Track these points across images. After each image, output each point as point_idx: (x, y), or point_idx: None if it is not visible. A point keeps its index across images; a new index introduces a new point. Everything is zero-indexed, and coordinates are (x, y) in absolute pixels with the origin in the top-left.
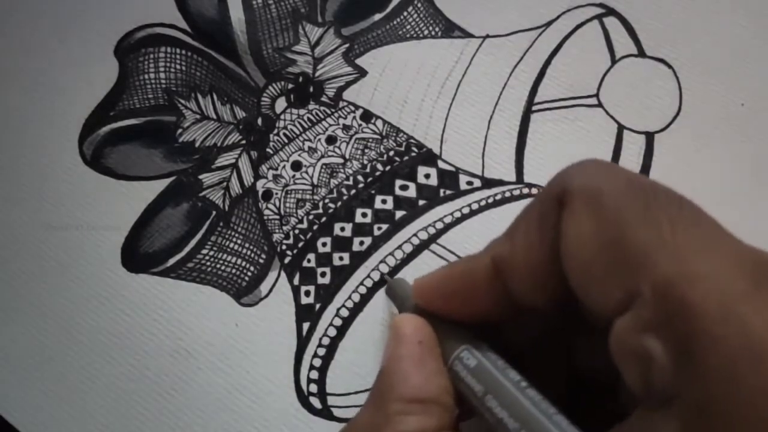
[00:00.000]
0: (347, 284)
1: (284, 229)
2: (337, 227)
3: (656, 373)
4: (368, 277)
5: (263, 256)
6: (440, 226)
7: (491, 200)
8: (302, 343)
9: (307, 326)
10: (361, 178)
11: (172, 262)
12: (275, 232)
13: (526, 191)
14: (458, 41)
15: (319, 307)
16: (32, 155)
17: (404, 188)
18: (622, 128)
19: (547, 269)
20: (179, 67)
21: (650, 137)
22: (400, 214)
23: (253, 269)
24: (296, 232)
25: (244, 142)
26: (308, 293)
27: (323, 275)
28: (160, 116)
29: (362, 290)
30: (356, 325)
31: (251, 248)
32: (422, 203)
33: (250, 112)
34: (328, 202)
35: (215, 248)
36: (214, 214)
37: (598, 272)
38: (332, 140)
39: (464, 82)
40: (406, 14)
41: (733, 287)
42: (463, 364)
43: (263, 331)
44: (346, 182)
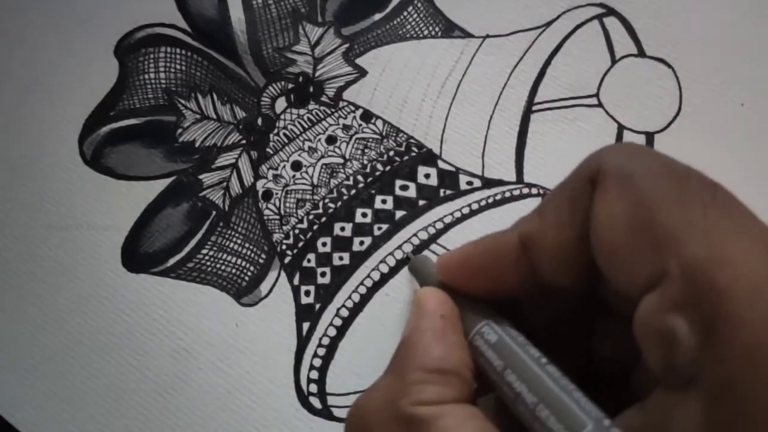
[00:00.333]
0: (347, 284)
1: (284, 229)
2: (337, 227)
3: (679, 352)
4: (368, 277)
5: (263, 256)
6: (440, 226)
7: (491, 200)
8: (302, 343)
9: (307, 326)
10: (361, 178)
11: (172, 262)
12: (275, 232)
13: (526, 191)
14: (458, 41)
15: (319, 307)
16: (32, 155)
17: (404, 188)
18: (622, 128)
19: (575, 248)
20: (179, 67)
21: (650, 137)
22: (400, 214)
23: (253, 269)
24: (296, 232)
25: (244, 142)
26: (308, 293)
27: (323, 275)
28: (160, 116)
29: (362, 290)
30: (356, 325)
31: (251, 248)
32: (422, 203)
33: (250, 112)
34: (328, 202)
35: (215, 248)
36: (214, 214)
37: (627, 252)
38: (332, 140)
39: (464, 82)
40: (406, 14)
41: (762, 272)
42: (483, 338)
43: (263, 331)
44: (346, 182)
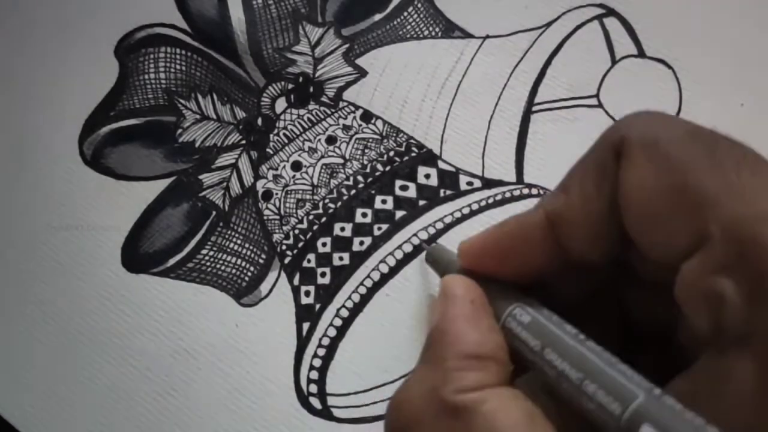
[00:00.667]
0: (347, 284)
1: (284, 229)
2: (337, 227)
3: (728, 313)
4: (368, 277)
5: (263, 256)
6: (440, 226)
7: (491, 200)
8: (302, 343)
9: (307, 326)
10: (361, 178)
11: (172, 262)
12: (275, 232)
13: (526, 191)
14: (458, 41)
15: (319, 307)
16: (32, 155)
17: (404, 188)
18: None
19: (603, 221)
20: (179, 67)
21: None
22: (400, 214)
23: (253, 269)
24: (296, 232)
25: (244, 142)
26: (308, 293)
27: (323, 275)
28: (160, 116)
29: (362, 290)
30: (356, 325)
31: (251, 248)
32: (422, 203)
33: (250, 112)
34: (328, 202)
35: (215, 248)
36: (214, 214)
37: (661, 219)
38: (332, 140)
39: (464, 82)
40: (406, 14)
41: None
42: (517, 320)
43: (263, 331)
44: (346, 182)
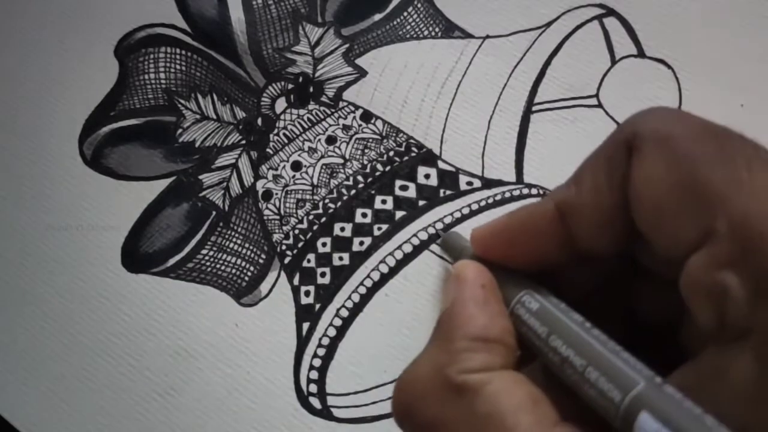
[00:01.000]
0: (347, 284)
1: (284, 229)
2: (337, 227)
3: (731, 307)
4: (368, 277)
5: (263, 256)
6: (440, 226)
7: (491, 200)
8: (302, 343)
9: (306, 326)
10: (361, 178)
11: (172, 262)
12: (275, 232)
13: (526, 191)
14: (458, 41)
15: (318, 307)
16: (32, 155)
17: (404, 188)
18: None
19: (613, 214)
20: (179, 67)
21: None
22: (400, 214)
23: (253, 269)
24: (296, 232)
25: (244, 142)
26: (308, 293)
27: (323, 275)
28: (160, 116)
29: (362, 290)
30: (356, 325)
31: (251, 248)
32: (422, 203)
33: (250, 112)
34: (328, 202)
35: (215, 248)
36: (214, 214)
37: (670, 212)
38: (332, 140)
39: (464, 82)
40: (406, 14)
41: None
42: (525, 307)
43: (263, 331)
44: (346, 182)
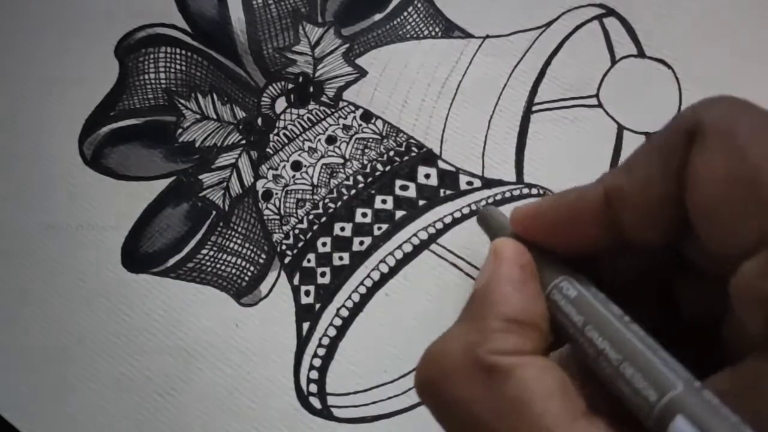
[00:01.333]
0: (347, 284)
1: (284, 229)
2: (337, 227)
3: None
4: (368, 277)
5: (263, 256)
6: (440, 226)
7: (491, 200)
8: (302, 343)
9: (307, 326)
10: (361, 178)
11: (172, 262)
12: (275, 232)
13: (526, 191)
14: (458, 41)
15: (319, 307)
16: (32, 155)
17: (404, 188)
18: (622, 128)
19: (665, 205)
20: (179, 67)
21: (650, 137)
22: (400, 214)
23: (253, 269)
24: (296, 232)
25: (244, 142)
26: (308, 293)
27: (323, 275)
28: (160, 116)
29: (362, 290)
30: (356, 325)
31: (251, 248)
32: (422, 203)
33: (250, 112)
34: (328, 202)
35: (215, 248)
36: (214, 214)
37: (728, 212)
38: (332, 140)
39: (464, 82)
40: (406, 14)
41: None
42: (562, 293)
43: (263, 331)
44: (346, 182)
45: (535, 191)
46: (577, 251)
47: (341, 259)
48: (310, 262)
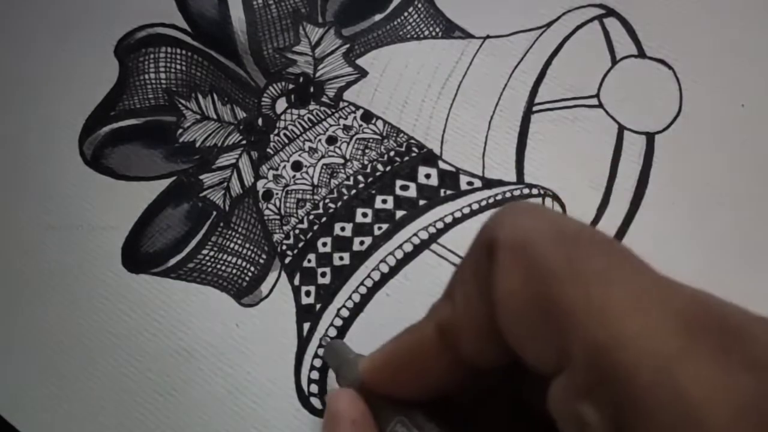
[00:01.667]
0: (348, 284)
1: (284, 229)
2: (337, 227)
3: None
4: (368, 277)
5: (264, 256)
6: (440, 226)
7: (491, 200)
8: (303, 343)
9: (307, 326)
10: (361, 178)
11: (172, 262)
12: (276, 232)
13: (526, 191)
14: (459, 42)
15: (319, 307)
16: (33, 155)
17: (405, 188)
18: (622, 128)
19: (492, 328)
20: (179, 67)
21: (650, 137)
22: (400, 213)
23: (253, 269)
24: (296, 232)
25: (244, 142)
26: (309, 293)
27: (323, 275)
28: (160, 116)
29: (362, 290)
30: (357, 325)
31: (252, 248)
32: (422, 203)
33: (250, 112)
34: (328, 202)
35: (216, 248)
36: (214, 214)
37: (530, 332)
38: (333, 140)
39: (465, 82)
40: (406, 15)
41: (665, 347)
42: None
43: (264, 331)
44: (346, 182)
45: (535, 191)
46: (430, 390)
47: (342, 259)
48: (310, 262)
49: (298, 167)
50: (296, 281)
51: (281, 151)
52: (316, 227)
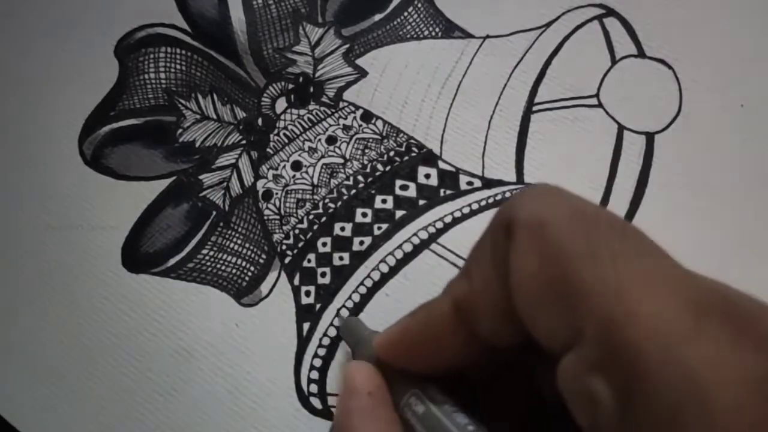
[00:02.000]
0: (347, 284)
1: (284, 229)
2: (337, 227)
3: (602, 415)
4: (368, 277)
5: (263, 256)
6: (440, 225)
7: (491, 200)
8: (303, 343)
9: (307, 326)
10: (361, 178)
11: (172, 262)
12: (275, 232)
13: None
14: (458, 42)
15: (319, 307)
16: (33, 156)
17: (404, 188)
18: (622, 128)
19: (509, 305)
20: (179, 67)
21: (650, 137)
22: (400, 213)
23: (253, 269)
24: (296, 232)
25: (244, 142)
26: (308, 293)
27: (323, 275)
28: (160, 116)
29: (362, 290)
30: None
31: (251, 248)
32: (422, 203)
33: (250, 112)
34: (328, 201)
35: (215, 248)
36: (214, 214)
37: (543, 309)
38: (332, 140)
39: (464, 82)
40: (406, 14)
41: (675, 326)
42: (412, 410)
43: (264, 331)
44: (346, 182)
45: None
46: (445, 367)
47: (341, 259)
48: (310, 262)
49: (297, 167)
50: (296, 281)
51: (281, 151)
52: (315, 227)
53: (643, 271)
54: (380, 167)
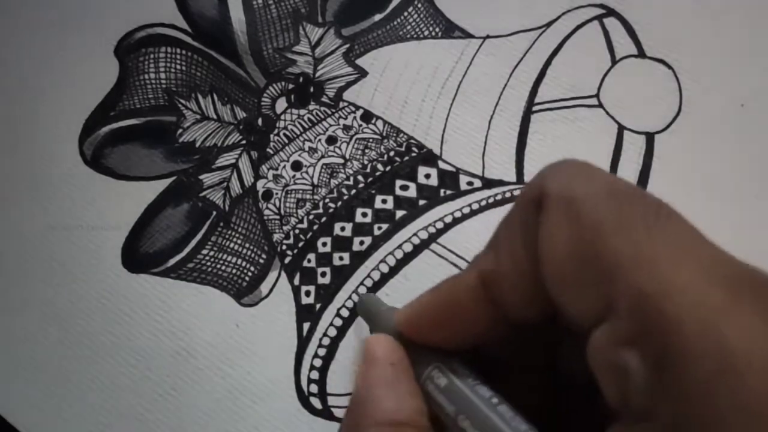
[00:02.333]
0: (347, 284)
1: (284, 229)
2: (337, 227)
3: (633, 388)
4: (368, 277)
5: (263, 256)
6: (440, 225)
7: (491, 200)
8: (303, 343)
9: (307, 326)
10: (361, 178)
11: (172, 262)
12: (275, 232)
13: None
14: (458, 41)
15: (319, 307)
16: (33, 156)
17: (404, 188)
18: (622, 128)
19: (536, 280)
20: (179, 67)
21: (650, 137)
22: (400, 213)
23: (253, 269)
24: (296, 232)
25: (244, 142)
26: (308, 293)
27: (323, 275)
28: (160, 116)
29: (362, 290)
30: (357, 325)
31: (251, 248)
32: (422, 203)
33: (250, 112)
34: (328, 201)
35: (215, 248)
36: (214, 214)
37: (574, 282)
38: (332, 140)
39: (464, 82)
40: (406, 14)
41: (710, 300)
42: (434, 383)
43: (264, 331)
44: (346, 182)
45: None
46: (470, 341)
47: (341, 259)
48: (310, 262)
49: (297, 167)
50: (296, 281)
51: (281, 151)
52: (315, 227)
53: (678, 246)
54: (380, 167)
